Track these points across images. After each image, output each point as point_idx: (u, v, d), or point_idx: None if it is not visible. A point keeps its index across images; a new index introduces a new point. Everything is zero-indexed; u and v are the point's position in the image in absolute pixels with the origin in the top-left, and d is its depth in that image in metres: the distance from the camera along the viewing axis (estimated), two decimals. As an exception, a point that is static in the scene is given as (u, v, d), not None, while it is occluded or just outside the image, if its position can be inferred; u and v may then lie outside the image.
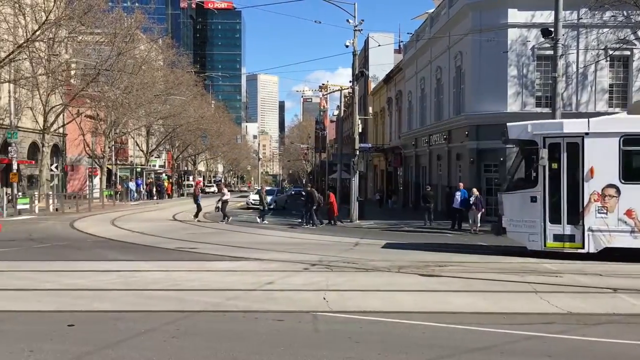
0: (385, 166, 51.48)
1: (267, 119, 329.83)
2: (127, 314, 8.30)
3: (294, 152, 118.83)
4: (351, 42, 29.12)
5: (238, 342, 6.86)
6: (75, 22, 33.91)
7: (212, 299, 9.27)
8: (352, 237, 20.98)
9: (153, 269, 12.53)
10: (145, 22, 44.72)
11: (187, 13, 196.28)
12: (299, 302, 9.19)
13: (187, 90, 57.62)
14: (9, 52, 31.12)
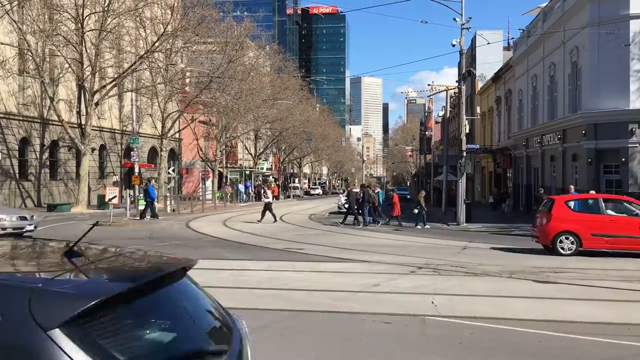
0: (494, 168, 49.76)
1: (371, 121, 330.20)
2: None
3: (398, 154, 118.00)
4: (458, 40, 28.46)
5: (345, 343, 6.89)
6: (190, 32, 35.83)
7: (319, 299, 9.40)
8: (460, 240, 20.46)
9: (262, 268, 12.91)
10: (254, 30, 46.34)
11: (293, 19, 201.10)
12: (406, 305, 9.09)
13: (293, 94, 59.01)
14: (132, 63, 33.41)
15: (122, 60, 36.50)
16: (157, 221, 27.00)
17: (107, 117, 42.27)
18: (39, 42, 31.33)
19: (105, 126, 42.03)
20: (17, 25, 29.87)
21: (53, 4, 30.47)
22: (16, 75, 32.67)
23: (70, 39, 30.65)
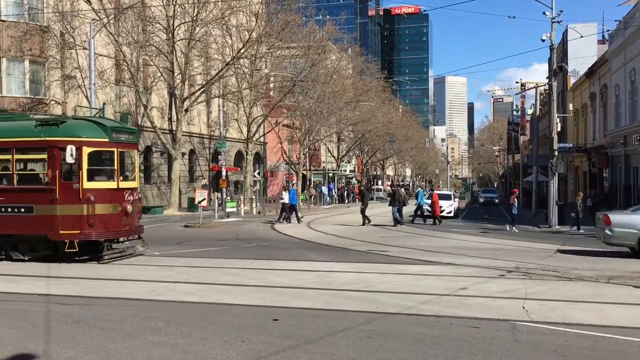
0: (588, 167, 47.28)
1: (456, 122, 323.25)
2: (325, 312, 8.67)
3: (484, 155, 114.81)
4: (548, 35, 27.34)
5: (432, 347, 6.77)
6: (274, 38, 36.56)
7: (405, 302, 9.29)
8: (552, 243, 19.61)
9: (347, 270, 12.94)
10: (336, 33, 46.62)
11: (375, 21, 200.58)
12: (495, 309, 8.81)
13: (376, 96, 58.81)
14: (219, 70, 34.52)
15: (209, 68, 37.83)
16: (243, 223, 27.70)
17: (196, 123, 43.91)
18: (133, 53, 33.06)
19: (195, 131, 43.69)
20: (114, 37, 31.65)
21: (146, 16, 32.06)
22: (113, 85, 34.64)
23: (162, 49, 32.12)
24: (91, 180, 13.28)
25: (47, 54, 31.56)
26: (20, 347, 6.75)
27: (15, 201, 13.36)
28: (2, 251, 13.68)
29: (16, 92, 31.33)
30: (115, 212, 13.61)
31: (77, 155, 12.84)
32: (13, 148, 13.46)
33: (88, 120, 14.20)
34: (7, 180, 13.76)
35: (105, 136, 13.50)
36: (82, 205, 13.03)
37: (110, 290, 10.43)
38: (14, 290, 10.39)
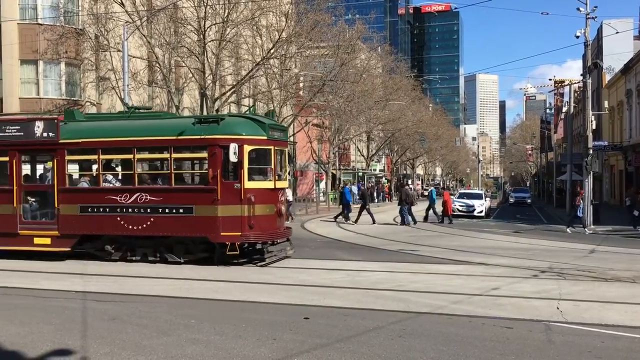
0: (624, 166, 46.22)
1: (487, 120, 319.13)
2: (355, 311, 8.69)
3: (517, 154, 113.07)
4: (582, 31, 26.80)
5: (464, 347, 6.73)
6: (303, 38, 36.67)
7: (436, 302, 9.25)
8: (587, 243, 19.24)
9: (377, 269, 12.92)
10: (366, 32, 46.50)
11: (404, 19, 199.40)
12: (528, 310, 8.71)
13: (405, 95, 58.46)
14: (249, 70, 34.80)
15: (240, 68, 38.11)
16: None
17: (227, 123, 44.22)
18: (165, 54, 33.52)
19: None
20: (147, 39, 32.14)
21: (178, 18, 32.48)
22: (146, 86, 35.19)
23: (194, 50, 32.49)
24: (251, 179, 12.77)
25: (82, 56, 32.23)
26: (81, 346, 6.94)
27: (173, 202, 12.90)
28: (157, 253, 13.24)
29: (52, 94, 32.08)
30: (271, 214, 13.13)
31: (239, 153, 12.37)
32: (170, 146, 12.96)
33: (245, 117, 13.69)
34: (163, 179, 13.39)
35: (263, 134, 13.02)
36: (243, 206, 12.51)
37: (147, 288, 10.63)
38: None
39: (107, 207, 13.21)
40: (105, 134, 13.51)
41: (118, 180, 13.93)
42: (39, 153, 14.72)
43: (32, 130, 13.77)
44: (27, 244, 13.75)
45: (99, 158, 13.38)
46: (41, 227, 13.89)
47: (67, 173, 13.64)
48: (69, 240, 13.52)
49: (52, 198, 13.77)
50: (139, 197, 13.02)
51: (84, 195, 13.65)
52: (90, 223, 13.37)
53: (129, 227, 13.07)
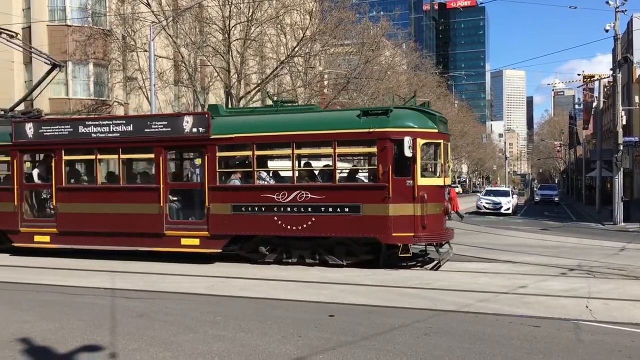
0: (656, 162, 45.21)
1: (514, 116, 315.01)
2: (380, 308, 8.67)
3: (545, 150, 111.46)
4: (611, 25, 26.31)
5: (491, 345, 6.67)
6: (327, 35, 36.66)
7: (462, 300, 9.18)
8: (617, 241, 18.90)
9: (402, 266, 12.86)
10: (390, 29, 46.26)
11: (429, 15, 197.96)
12: (556, 308, 8.58)
13: (431, 91, 58.02)
14: (274, 68, 34.95)
15: (264, 67, 38.26)
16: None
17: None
18: (191, 54, 33.82)
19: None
20: (172, 39, 32.49)
21: (203, 18, 32.75)
22: (172, 86, 35.57)
23: (219, 49, 32.74)
24: (422, 176, 11.94)
25: (110, 56, 32.73)
26: (113, 342, 7.07)
27: (337, 200, 12.04)
28: (316, 255, 12.48)
29: (81, 95, 32.65)
30: (439, 213, 12.32)
31: (412, 148, 11.58)
32: (333, 141, 12.07)
33: (411, 108, 12.62)
34: (326, 176, 12.68)
35: (434, 126, 12.18)
36: (416, 204, 11.68)
37: (174, 285, 10.75)
38: None
39: (263, 206, 12.43)
40: (258, 129, 12.68)
41: (272, 178, 13.21)
42: (187, 149, 14.21)
43: (180, 125, 13.09)
44: (173, 245, 13.15)
45: (254, 154, 12.60)
46: (189, 227, 13.21)
47: (218, 170, 12.88)
48: (219, 241, 12.87)
49: (201, 197, 13.09)
50: (299, 195, 12.21)
51: (238, 193, 12.86)
52: (244, 223, 12.62)
53: (286, 228, 12.26)
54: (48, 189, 14.40)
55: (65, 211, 13.89)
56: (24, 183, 14.49)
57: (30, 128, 14.24)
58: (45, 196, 14.85)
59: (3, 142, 14.50)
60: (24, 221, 14.36)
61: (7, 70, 31.09)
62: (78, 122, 14.48)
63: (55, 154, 14.00)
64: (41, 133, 14.12)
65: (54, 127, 14.13)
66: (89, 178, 14.82)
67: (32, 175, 14.70)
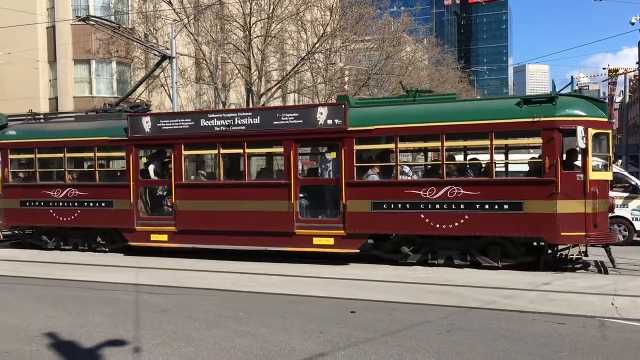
0: (684, 157, 44.32)
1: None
2: (402, 305, 8.63)
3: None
4: (637, 18, 25.81)
5: (514, 342, 6.60)
6: (348, 31, 36.58)
7: (486, 297, 9.11)
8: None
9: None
10: (411, 24, 45.98)
11: (451, 10, 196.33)
12: (581, 305, 8.46)
13: (452, 87, 57.48)
14: (294, 65, 34.99)
15: (285, 63, 38.33)
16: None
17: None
18: (212, 51, 34.03)
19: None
20: (194, 37, 32.72)
21: (224, 15, 32.91)
22: (194, 83, 35.84)
23: (239, 47, 32.88)
24: (593, 170, 10.97)
25: (132, 55, 33.08)
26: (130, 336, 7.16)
27: (495, 196, 11.12)
28: (467, 256, 11.66)
29: (105, 93, 33.07)
30: (606, 210, 11.29)
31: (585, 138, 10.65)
32: (490, 132, 11.17)
33: (576, 96, 11.83)
34: (477, 170, 11.89)
35: (603, 115, 11.27)
36: (588, 201, 10.70)
37: (197, 281, 10.84)
38: None
39: (408, 203, 11.61)
40: (400, 120, 11.85)
41: (415, 173, 12.51)
42: (320, 142, 13.25)
43: (313, 116, 12.32)
44: (304, 245, 12.43)
45: (396, 147, 11.81)
46: (322, 225, 12.42)
47: (355, 165, 12.05)
48: (356, 240, 12.11)
49: (333, 193, 12.43)
50: (450, 191, 11.36)
51: (378, 189, 11.97)
52: (385, 221, 11.84)
53: (434, 226, 11.43)
54: (166, 185, 13.93)
55: (184, 209, 13.32)
56: (140, 179, 13.90)
57: (147, 122, 13.64)
58: (161, 193, 14.43)
59: (117, 137, 13.97)
60: (140, 219, 13.82)
61: (32, 69, 31.62)
62: (200, 114, 13.89)
63: (174, 149, 13.40)
64: (159, 127, 13.52)
65: (173, 121, 13.50)
66: (209, 174, 14.46)
67: (148, 171, 14.17)
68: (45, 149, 14.87)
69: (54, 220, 14.60)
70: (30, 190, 14.93)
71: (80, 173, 15.08)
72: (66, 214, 14.44)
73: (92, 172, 14.52)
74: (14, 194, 15.10)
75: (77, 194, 14.34)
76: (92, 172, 14.51)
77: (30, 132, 15.35)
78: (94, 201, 14.16)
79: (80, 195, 14.32)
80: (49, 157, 15.06)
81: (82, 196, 14.30)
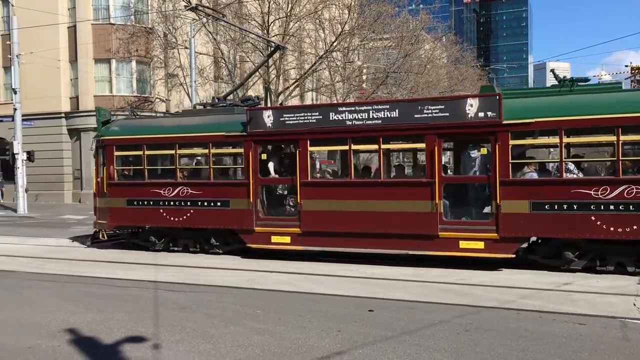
0: None
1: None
2: (420, 304, 8.60)
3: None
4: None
5: (534, 342, 6.55)
6: (366, 30, 36.50)
7: (503, 296, 9.04)
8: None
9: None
10: (430, 22, 45.75)
11: (470, 8, 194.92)
12: (602, 306, 8.36)
13: (471, 85, 57.15)
14: (312, 63, 35.01)
15: (303, 62, 38.38)
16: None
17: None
18: (230, 50, 34.19)
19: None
20: (212, 36, 32.89)
21: (242, 14, 33.04)
22: (212, 82, 36.03)
23: (258, 45, 32.98)
24: None
25: (152, 54, 33.36)
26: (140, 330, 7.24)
27: None
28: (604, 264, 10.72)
29: (124, 92, 33.41)
30: None
31: None
32: None
33: None
34: None
35: None
36: None
37: (215, 279, 10.92)
38: None
39: (575, 204, 10.63)
40: (566, 112, 10.83)
41: (581, 170, 11.45)
42: (469, 137, 11.89)
43: (462, 109, 11.28)
44: (449, 249, 11.48)
45: (561, 142, 10.78)
46: (470, 228, 11.44)
47: (511, 161, 11.06)
48: (511, 244, 11.07)
49: (481, 192, 11.72)
50: (628, 190, 10.38)
51: (539, 188, 10.96)
52: (547, 223, 10.81)
53: (608, 230, 10.43)
54: (289, 183, 13.10)
55: (310, 209, 12.36)
56: (259, 177, 12.98)
57: (269, 116, 12.75)
58: (281, 192, 13.79)
59: (235, 132, 13.10)
60: (259, 220, 12.90)
61: (54, 69, 32.03)
62: (329, 107, 12.81)
63: (299, 145, 12.47)
64: (282, 121, 12.58)
65: (299, 115, 12.53)
66: (336, 171, 13.53)
67: (269, 169, 13.22)
68: (155, 145, 14.07)
69: (165, 220, 13.75)
70: (138, 189, 14.11)
71: (191, 171, 14.38)
72: (178, 213, 13.60)
73: (206, 170, 13.70)
74: (120, 192, 14.28)
75: (190, 192, 13.48)
76: (206, 169, 13.68)
77: (136, 128, 14.69)
78: (209, 200, 13.33)
79: (193, 194, 13.45)
80: (159, 153, 14.42)
81: (195, 195, 13.44)
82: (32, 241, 16.76)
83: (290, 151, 13.41)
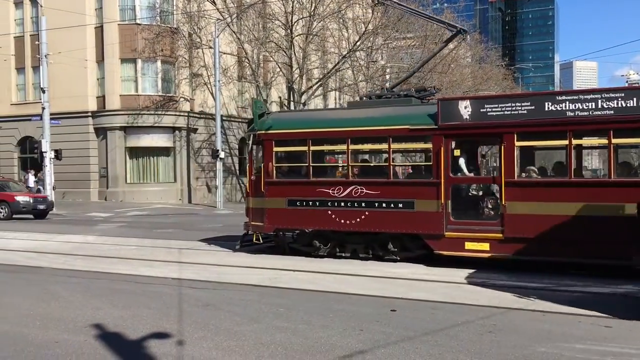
0: None
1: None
2: (443, 304, 8.56)
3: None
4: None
5: (560, 344, 6.47)
6: (390, 29, 36.41)
7: (526, 298, 8.93)
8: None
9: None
10: (454, 20, 45.41)
11: (495, 6, 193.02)
12: (629, 309, 8.23)
13: (496, 85, 56.61)
14: (335, 63, 35.02)
15: (326, 61, 38.42)
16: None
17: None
18: (254, 50, 34.39)
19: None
20: (236, 35, 33.12)
21: (266, 14, 33.21)
22: (236, 81, 36.27)
23: (281, 45, 33.11)
24: None
25: (177, 54, 33.70)
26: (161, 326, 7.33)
27: None
28: None
29: (150, 91, 33.78)
30: None
31: None
32: None
33: None
34: None
35: None
36: None
37: (239, 277, 10.99)
38: None
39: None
40: None
41: None
42: None
43: None
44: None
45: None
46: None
47: None
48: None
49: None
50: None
51: None
52: None
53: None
54: (489, 183, 11.98)
55: (517, 212, 10.90)
56: (451, 176, 11.61)
57: (466, 107, 11.34)
58: (475, 192, 12.36)
59: (422, 126, 11.81)
60: (451, 223, 11.52)
61: (81, 68, 32.53)
62: (544, 96, 11.26)
63: (503, 139, 11.09)
64: (483, 113, 11.19)
65: (504, 105, 11.12)
66: (540, 169, 11.95)
67: (461, 166, 11.93)
68: (322, 140, 13.10)
69: (333, 223, 12.50)
70: (301, 188, 12.87)
71: (364, 168, 13.27)
72: (350, 215, 12.31)
73: (384, 167, 12.60)
74: (280, 192, 13.02)
75: (365, 192, 12.18)
76: (381, 167, 12.73)
77: (299, 121, 13.69)
78: (388, 202, 12.01)
79: (369, 194, 12.15)
80: (328, 149, 13.53)
81: (371, 195, 12.14)
82: (60, 238, 17.08)
83: (488, 147, 12.24)
